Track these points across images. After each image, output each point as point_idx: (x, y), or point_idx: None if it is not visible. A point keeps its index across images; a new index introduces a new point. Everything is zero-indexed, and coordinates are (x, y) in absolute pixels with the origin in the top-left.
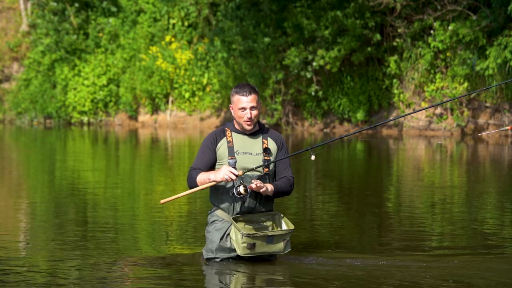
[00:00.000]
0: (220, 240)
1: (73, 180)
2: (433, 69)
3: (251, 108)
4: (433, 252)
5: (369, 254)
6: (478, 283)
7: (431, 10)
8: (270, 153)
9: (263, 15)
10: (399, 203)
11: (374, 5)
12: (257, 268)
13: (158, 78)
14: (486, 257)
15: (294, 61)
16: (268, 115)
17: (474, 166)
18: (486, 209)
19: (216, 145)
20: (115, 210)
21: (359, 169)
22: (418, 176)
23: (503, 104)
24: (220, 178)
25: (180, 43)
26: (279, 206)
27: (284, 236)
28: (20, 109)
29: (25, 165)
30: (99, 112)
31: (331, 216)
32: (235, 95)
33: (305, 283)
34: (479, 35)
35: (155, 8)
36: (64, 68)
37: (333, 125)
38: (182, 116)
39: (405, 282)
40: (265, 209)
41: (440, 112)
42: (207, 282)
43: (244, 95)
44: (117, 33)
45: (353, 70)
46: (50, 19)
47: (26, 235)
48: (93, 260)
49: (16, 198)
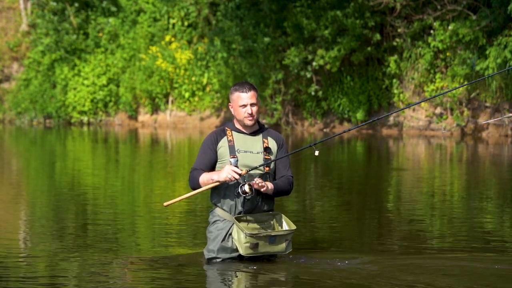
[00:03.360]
0: (222, 240)
1: (73, 180)
2: (433, 69)
3: (251, 105)
4: (433, 252)
5: (369, 254)
6: (477, 283)
7: (431, 10)
8: (271, 152)
9: (263, 15)
10: (399, 202)
11: (374, 5)
12: (258, 268)
13: (158, 78)
14: (486, 257)
15: (294, 61)
16: (268, 115)
17: (474, 166)
18: (486, 209)
19: (217, 145)
20: (115, 210)
21: (359, 169)
22: (418, 176)
23: (503, 104)
24: (223, 178)
25: (180, 43)
26: (280, 206)
27: (287, 236)
28: (20, 109)
29: (25, 165)
30: (99, 112)
31: (331, 216)
32: (235, 93)
33: (305, 283)
34: (479, 35)
35: (155, 8)
36: (64, 68)
37: (333, 125)
38: (182, 116)
39: (405, 282)
40: (267, 208)
41: (440, 112)
42: (208, 283)
43: (244, 92)
44: (117, 33)
45: (353, 70)
46: (50, 19)
47: (26, 235)
48: (93, 260)
49: (16, 198)
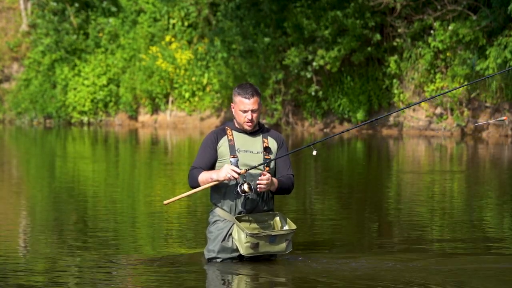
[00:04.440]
0: (222, 240)
1: (73, 180)
2: (433, 69)
3: (252, 111)
4: (433, 252)
5: (369, 254)
6: (478, 283)
7: (431, 10)
8: (271, 152)
9: (263, 15)
10: (399, 203)
11: (374, 5)
12: (258, 268)
13: (158, 78)
14: (486, 256)
15: (294, 61)
16: (268, 115)
17: (474, 166)
18: (486, 209)
19: (217, 144)
20: (115, 210)
21: (359, 169)
22: (418, 175)
23: (503, 104)
24: (222, 177)
25: (180, 43)
26: (280, 206)
27: (287, 236)
28: (20, 109)
29: (24, 165)
30: (99, 112)
31: (331, 216)
32: (238, 96)
33: (305, 283)
34: (479, 35)
35: (155, 8)
36: (64, 68)
37: (333, 125)
38: (182, 116)
39: (405, 282)
40: (267, 208)
41: (440, 112)
42: (208, 283)
43: (247, 98)
44: (117, 33)
45: (353, 70)
46: (50, 19)
47: (26, 235)
48: (93, 260)
49: (16, 198)
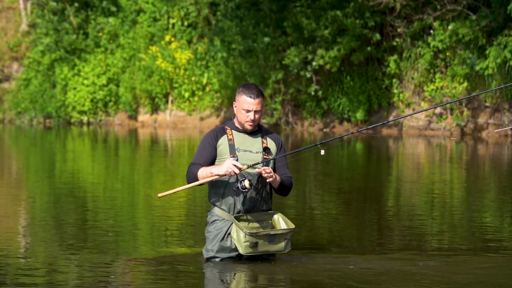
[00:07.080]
0: (221, 239)
1: (72, 180)
2: (432, 69)
3: (255, 111)
4: (433, 252)
5: (369, 254)
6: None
7: (430, 10)
8: (270, 153)
9: (263, 15)
10: (399, 202)
11: (374, 5)
12: (257, 268)
13: (157, 78)
14: (486, 257)
15: (294, 61)
16: (268, 114)
17: (473, 166)
18: (486, 209)
19: (217, 142)
20: (115, 210)
21: (359, 169)
22: (418, 176)
23: (502, 103)
24: (223, 172)
25: (179, 43)
26: (279, 205)
27: (286, 235)
28: (19, 109)
29: (24, 165)
30: (99, 111)
31: (331, 216)
32: (242, 95)
33: (304, 283)
34: (478, 35)
35: (155, 7)
36: (63, 68)
37: (332, 124)
38: (181, 116)
39: (405, 282)
40: (266, 207)
41: (440, 112)
42: (207, 282)
43: (251, 97)
44: (117, 32)
45: (353, 70)
46: (50, 18)
47: (26, 235)
48: (92, 260)
49: (16, 198)
